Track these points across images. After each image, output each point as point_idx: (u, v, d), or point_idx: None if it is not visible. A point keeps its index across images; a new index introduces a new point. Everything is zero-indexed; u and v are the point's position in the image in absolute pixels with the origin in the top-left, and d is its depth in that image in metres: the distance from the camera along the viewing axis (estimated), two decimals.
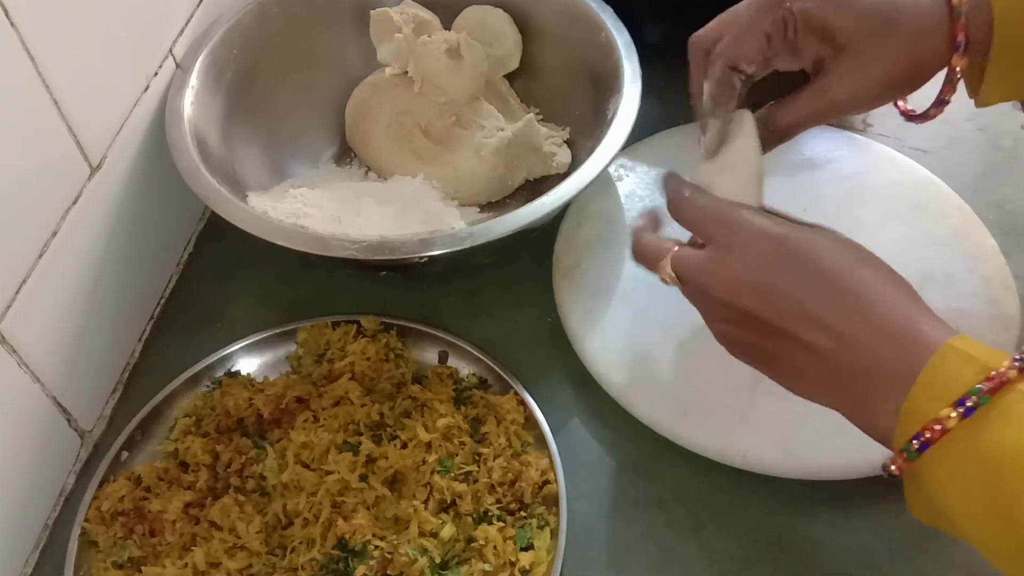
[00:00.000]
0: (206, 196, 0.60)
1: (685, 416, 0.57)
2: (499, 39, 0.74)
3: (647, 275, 0.65)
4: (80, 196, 0.56)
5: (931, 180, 0.69)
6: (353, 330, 0.62)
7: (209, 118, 0.66)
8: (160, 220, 0.67)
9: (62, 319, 0.56)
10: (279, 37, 0.73)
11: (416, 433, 0.56)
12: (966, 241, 0.65)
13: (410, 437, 0.56)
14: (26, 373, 0.53)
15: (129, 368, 0.64)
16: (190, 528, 0.53)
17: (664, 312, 0.62)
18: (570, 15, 0.72)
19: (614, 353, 0.60)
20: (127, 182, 0.62)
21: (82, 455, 0.59)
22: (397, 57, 0.72)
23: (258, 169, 0.70)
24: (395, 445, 0.56)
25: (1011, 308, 0.61)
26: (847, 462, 0.55)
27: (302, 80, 0.75)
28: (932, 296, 0.62)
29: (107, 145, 0.59)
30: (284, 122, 0.73)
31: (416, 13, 0.72)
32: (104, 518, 0.54)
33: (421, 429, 0.56)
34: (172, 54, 0.66)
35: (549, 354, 0.63)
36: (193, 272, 0.70)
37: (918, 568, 0.53)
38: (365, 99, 0.75)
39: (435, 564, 0.51)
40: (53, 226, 0.54)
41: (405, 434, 0.56)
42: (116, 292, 0.61)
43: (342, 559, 0.51)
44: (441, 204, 0.69)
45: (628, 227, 0.67)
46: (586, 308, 0.63)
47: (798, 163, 0.71)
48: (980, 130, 0.76)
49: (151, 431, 0.59)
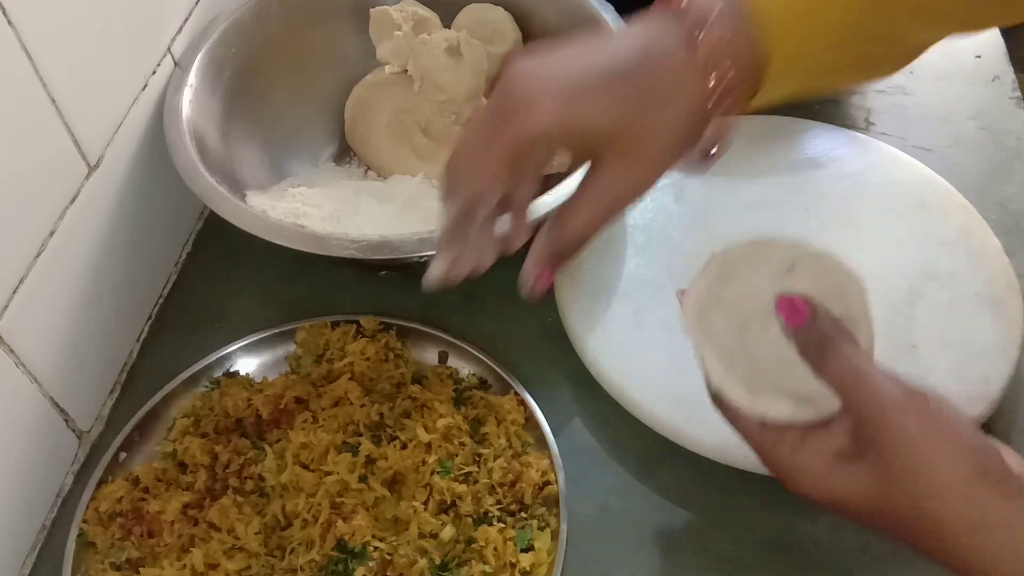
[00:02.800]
0: (205, 195, 0.60)
1: (687, 416, 0.57)
2: (499, 37, 0.73)
3: (648, 274, 0.65)
4: (78, 195, 0.56)
5: (934, 179, 0.69)
6: (352, 330, 0.62)
7: (208, 117, 0.66)
8: (158, 219, 0.67)
9: (60, 319, 0.56)
10: (278, 35, 0.73)
11: (416, 434, 0.55)
12: (969, 240, 0.65)
13: (410, 438, 0.56)
14: (23, 373, 0.52)
15: (127, 368, 0.64)
16: (188, 529, 0.53)
17: (665, 312, 0.62)
18: (571, 13, 0.72)
19: (615, 353, 0.60)
20: (125, 181, 0.61)
21: (80, 456, 0.59)
22: (397, 55, 0.72)
23: (257, 168, 0.70)
24: (395, 446, 0.56)
25: (1014, 308, 0.60)
26: None
27: (301, 78, 0.75)
28: (935, 296, 0.62)
29: (105, 144, 0.59)
30: (283, 121, 0.73)
31: (416, 11, 0.72)
32: (102, 519, 0.54)
33: (421, 430, 0.56)
34: (170, 52, 0.66)
35: (549, 354, 0.63)
36: (192, 272, 0.70)
37: (920, 570, 0.53)
38: (364, 98, 0.74)
39: (435, 565, 0.51)
40: (51, 225, 0.54)
41: (405, 435, 0.56)
42: (114, 292, 0.61)
43: (341, 560, 0.51)
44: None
45: (629, 227, 0.67)
46: (587, 308, 0.62)
47: (800, 162, 0.71)
48: (983, 129, 0.76)
49: (149, 431, 0.58)
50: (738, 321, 0.42)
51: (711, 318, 0.43)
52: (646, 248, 0.66)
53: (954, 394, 0.56)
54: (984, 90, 0.79)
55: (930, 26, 0.44)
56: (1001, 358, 0.58)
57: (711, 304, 0.43)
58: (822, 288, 0.41)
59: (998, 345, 0.59)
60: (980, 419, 0.56)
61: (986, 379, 0.57)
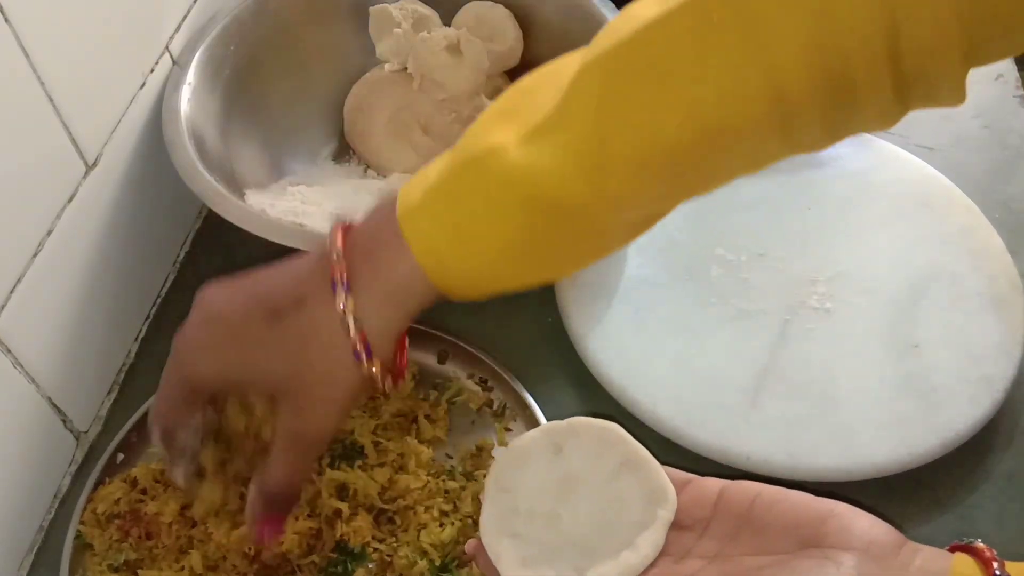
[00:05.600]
0: (203, 194, 0.59)
1: (688, 418, 0.56)
2: (499, 35, 0.73)
3: (649, 274, 0.65)
4: (75, 194, 0.56)
5: (937, 178, 0.69)
6: None
7: (206, 115, 0.66)
8: (157, 218, 0.66)
9: (57, 319, 0.55)
10: (277, 33, 0.72)
11: (416, 432, 0.55)
12: (972, 240, 0.64)
13: (401, 451, 0.55)
14: (21, 373, 0.52)
15: (125, 368, 0.64)
16: (187, 531, 0.52)
17: (667, 312, 0.61)
18: (571, 11, 0.71)
19: (616, 353, 0.60)
20: (123, 180, 0.61)
21: (77, 456, 0.59)
22: (396, 53, 0.71)
23: (256, 166, 0.69)
24: (395, 444, 0.55)
25: (1017, 307, 0.60)
26: (850, 464, 0.54)
27: (300, 76, 0.74)
28: (937, 296, 0.62)
29: (103, 142, 0.58)
30: (282, 119, 0.73)
31: (415, 9, 0.72)
32: (100, 521, 0.53)
33: (424, 423, 0.55)
34: (169, 50, 0.66)
35: (550, 354, 0.63)
36: (190, 271, 0.70)
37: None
38: (364, 96, 0.74)
39: (435, 567, 0.51)
40: (48, 224, 0.53)
41: (405, 433, 0.56)
42: (112, 291, 0.61)
43: (341, 562, 0.51)
44: None
45: None
46: (588, 308, 0.62)
47: (801, 161, 0.70)
48: (986, 128, 0.76)
49: (147, 432, 0.57)
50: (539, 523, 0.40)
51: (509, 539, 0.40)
52: (647, 248, 0.65)
53: (957, 394, 0.56)
54: (987, 88, 0.78)
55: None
56: (1004, 358, 0.58)
57: (505, 526, 0.40)
58: (593, 449, 0.40)
59: (1001, 345, 0.59)
60: (983, 420, 0.56)
61: (989, 379, 0.57)
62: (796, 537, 0.35)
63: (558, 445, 0.41)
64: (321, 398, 0.42)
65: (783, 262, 0.64)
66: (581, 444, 0.41)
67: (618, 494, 0.39)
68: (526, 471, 0.41)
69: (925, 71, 0.37)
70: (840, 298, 0.62)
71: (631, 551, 0.37)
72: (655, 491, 0.39)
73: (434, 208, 0.40)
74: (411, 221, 0.40)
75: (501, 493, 0.40)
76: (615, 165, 0.38)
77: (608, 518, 0.39)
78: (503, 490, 0.40)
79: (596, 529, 0.39)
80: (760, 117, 0.37)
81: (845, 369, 0.59)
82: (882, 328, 0.60)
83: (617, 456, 0.40)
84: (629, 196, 0.40)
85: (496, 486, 0.41)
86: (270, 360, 0.42)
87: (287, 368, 0.41)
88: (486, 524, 0.40)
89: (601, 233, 0.41)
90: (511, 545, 0.39)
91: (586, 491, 0.40)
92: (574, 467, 0.40)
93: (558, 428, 0.41)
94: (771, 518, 0.36)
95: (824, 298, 0.62)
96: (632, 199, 0.40)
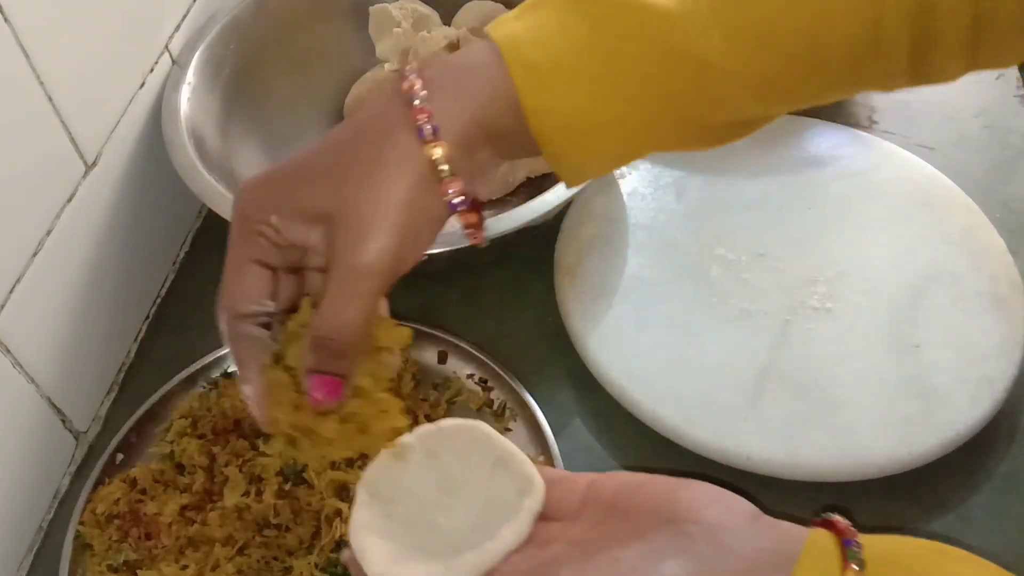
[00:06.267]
0: (203, 194, 0.59)
1: (688, 417, 0.56)
2: None
3: (649, 273, 0.65)
4: (75, 194, 0.56)
5: (938, 178, 0.68)
6: None
7: (206, 115, 0.66)
8: (156, 218, 0.66)
9: (57, 319, 0.55)
10: (277, 32, 0.72)
11: None
12: (973, 240, 0.64)
13: None
14: (20, 373, 0.52)
15: (124, 368, 0.63)
16: (186, 531, 0.52)
17: (667, 312, 0.61)
18: None
19: (616, 353, 0.60)
20: (123, 180, 0.61)
21: (77, 456, 0.59)
22: (396, 53, 0.71)
23: (256, 166, 0.69)
24: None
25: (1018, 307, 0.60)
26: (850, 464, 0.54)
27: (300, 76, 0.74)
28: (938, 296, 0.62)
29: (102, 142, 0.58)
30: (282, 119, 0.73)
31: (415, 8, 0.72)
32: (99, 521, 0.53)
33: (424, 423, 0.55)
34: (168, 50, 0.66)
35: (550, 354, 0.63)
36: (189, 271, 0.70)
37: None
38: (364, 95, 0.74)
39: None
40: (47, 224, 0.53)
41: None
42: (111, 291, 0.61)
43: (341, 562, 0.51)
44: None
45: (631, 226, 0.67)
46: (588, 307, 0.62)
47: (803, 160, 0.70)
48: (987, 127, 0.75)
49: (147, 433, 0.58)
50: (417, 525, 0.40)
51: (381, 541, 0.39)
52: (647, 247, 0.65)
53: (957, 394, 0.56)
54: (988, 88, 0.78)
55: (752, 104, 0.42)
56: (1004, 358, 0.58)
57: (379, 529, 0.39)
58: (466, 450, 0.40)
59: (1001, 345, 0.58)
60: (983, 420, 0.56)
61: (989, 379, 0.57)
62: (657, 517, 0.35)
63: (432, 450, 0.40)
64: (375, 200, 0.38)
65: (783, 262, 0.64)
66: (454, 447, 0.40)
67: (495, 491, 0.39)
68: (401, 477, 0.40)
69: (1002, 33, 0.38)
70: (840, 298, 0.62)
71: (492, 540, 0.37)
72: (523, 482, 0.39)
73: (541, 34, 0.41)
74: (500, 26, 0.42)
75: (373, 500, 0.39)
76: (747, 33, 0.39)
77: (487, 516, 0.39)
78: (375, 497, 0.40)
79: (473, 528, 0.39)
80: (855, 39, 0.38)
81: (845, 369, 0.58)
82: (882, 328, 0.60)
83: (490, 454, 0.40)
84: (751, 70, 0.39)
85: (368, 492, 0.40)
86: (320, 182, 0.39)
87: (342, 189, 0.38)
88: (355, 528, 0.39)
89: (713, 102, 0.40)
90: (380, 544, 0.38)
91: (464, 492, 0.40)
92: (450, 470, 0.40)
93: (429, 432, 0.41)
94: (635, 503, 0.36)
95: (824, 298, 0.62)
96: (752, 75, 0.40)
